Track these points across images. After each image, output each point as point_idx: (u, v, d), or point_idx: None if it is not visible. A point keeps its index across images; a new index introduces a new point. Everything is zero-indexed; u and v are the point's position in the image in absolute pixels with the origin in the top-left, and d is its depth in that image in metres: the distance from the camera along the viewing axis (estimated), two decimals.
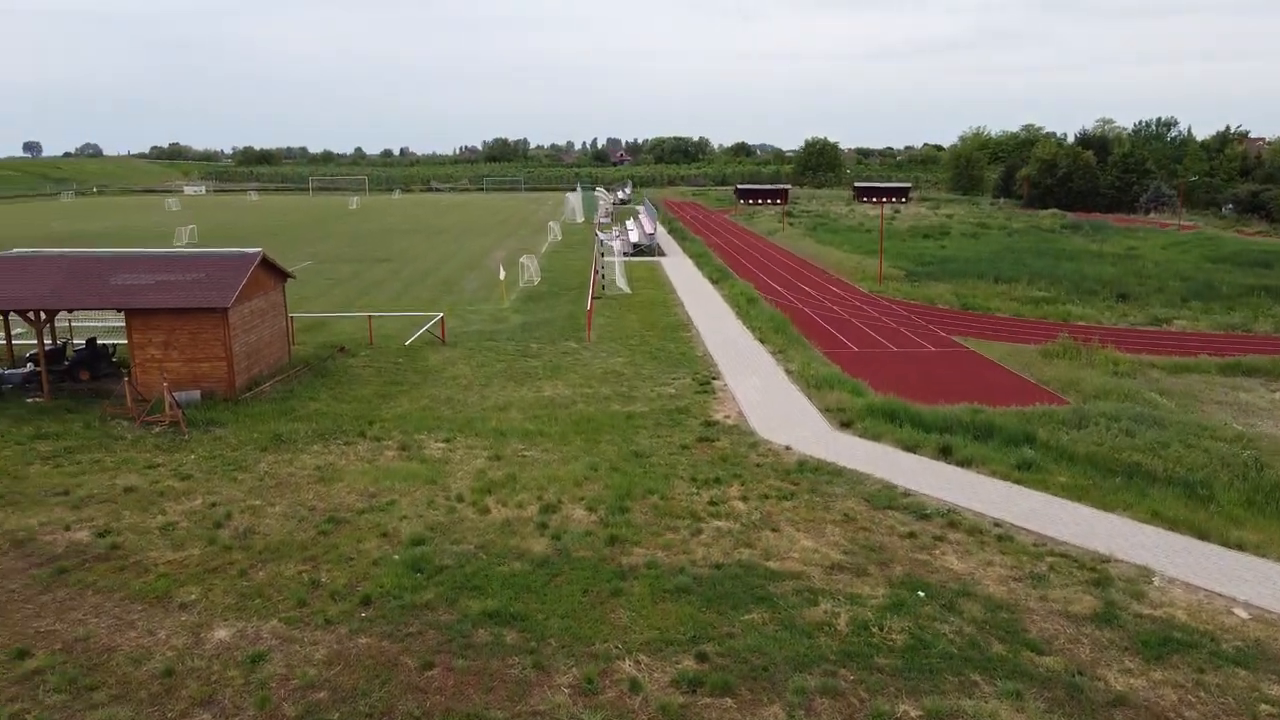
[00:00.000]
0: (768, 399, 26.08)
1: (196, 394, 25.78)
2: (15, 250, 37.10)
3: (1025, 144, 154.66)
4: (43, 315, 26.81)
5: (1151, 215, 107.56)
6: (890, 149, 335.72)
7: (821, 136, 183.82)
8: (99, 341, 29.90)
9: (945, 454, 21.22)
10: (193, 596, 15.01)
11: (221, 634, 13.85)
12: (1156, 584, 15.24)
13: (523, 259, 51.52)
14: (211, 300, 25.78)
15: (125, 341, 27.00)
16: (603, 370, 29.79)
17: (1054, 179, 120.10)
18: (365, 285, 49.15)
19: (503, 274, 44.33)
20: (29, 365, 27.94)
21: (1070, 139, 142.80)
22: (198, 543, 16.96)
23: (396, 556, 16.21)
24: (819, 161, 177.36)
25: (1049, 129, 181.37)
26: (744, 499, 18.81)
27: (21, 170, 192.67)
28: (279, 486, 19.70)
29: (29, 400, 26.24)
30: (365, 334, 34.86)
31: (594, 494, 19.04)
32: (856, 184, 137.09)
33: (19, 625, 14.26)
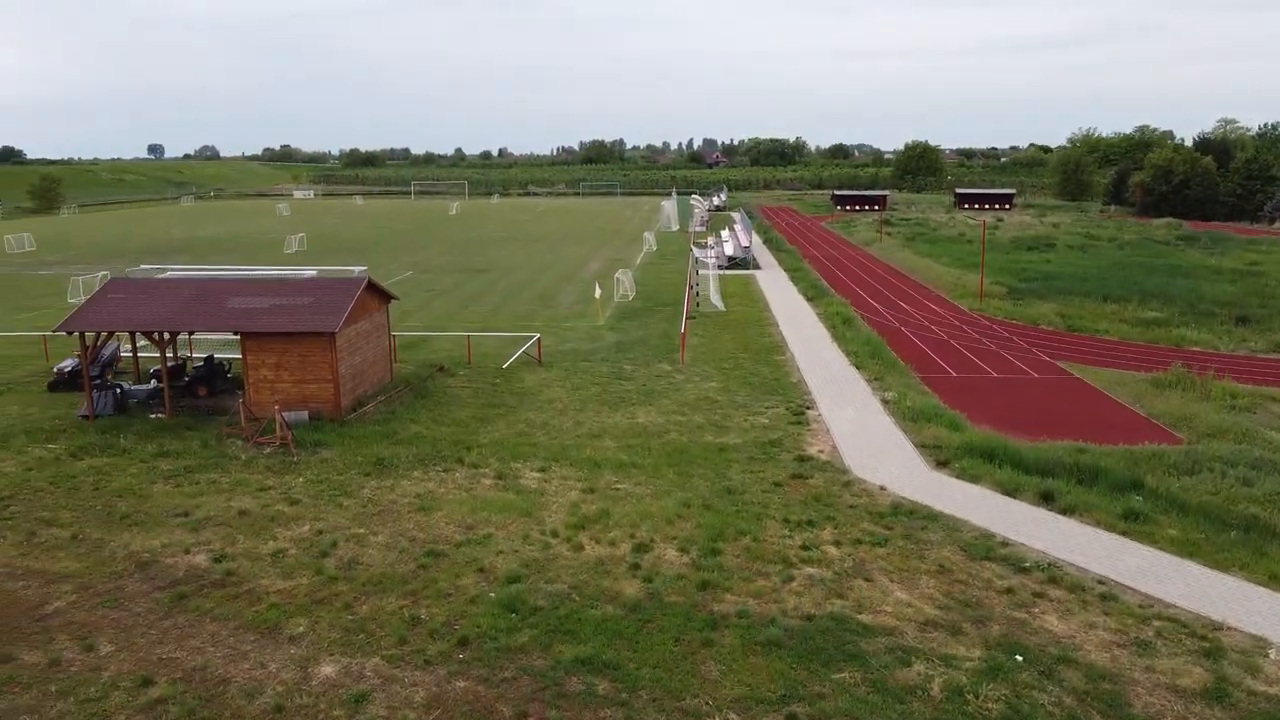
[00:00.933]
0: (862, 432, 25.78)
1: (305, 415, 26.83)
2: (142, 266, 39.27)
3: (1139, 146, 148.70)
4: (166, 335, 28.25)
5: (1277, 226, 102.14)
6: (994, 150, 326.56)
7: (922, 140, 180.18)
8: (216, 358, 31.34)
9: (1046, 500, 20.65)
10: (301, 629, 15.68)
11: (328, 670, 14.44)
12: (1274, 657, 14.58)
13: (618, 274, 51.95)
14: (320, 325, 26.79)
15: (240, 357, 28.29)
16: (696, 396, 29.87)
17: (1169, 185, 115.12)
18: (464, 298, 50.26)
19: (598, 292, 44.80)
20: (153, 382, 29.47)
21: (1188, 142, 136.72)
22: (305, 572, 17.70)
23: (493, 595, 16.62)
24: (919, 165, 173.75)
25: (1165, 130, 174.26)
26: (837, 544, 18.68)
27: (147, 175, 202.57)
28: (381, 515, 20.39)
29: (152, 416, 27.70)
30: (464, 352, 35.67)
31: (686, 533, 19.16)
32: (957, 190, 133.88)
33: (143, 651, 15.13)
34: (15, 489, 22.13)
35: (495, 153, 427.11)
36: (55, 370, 31.30)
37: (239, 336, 27.56)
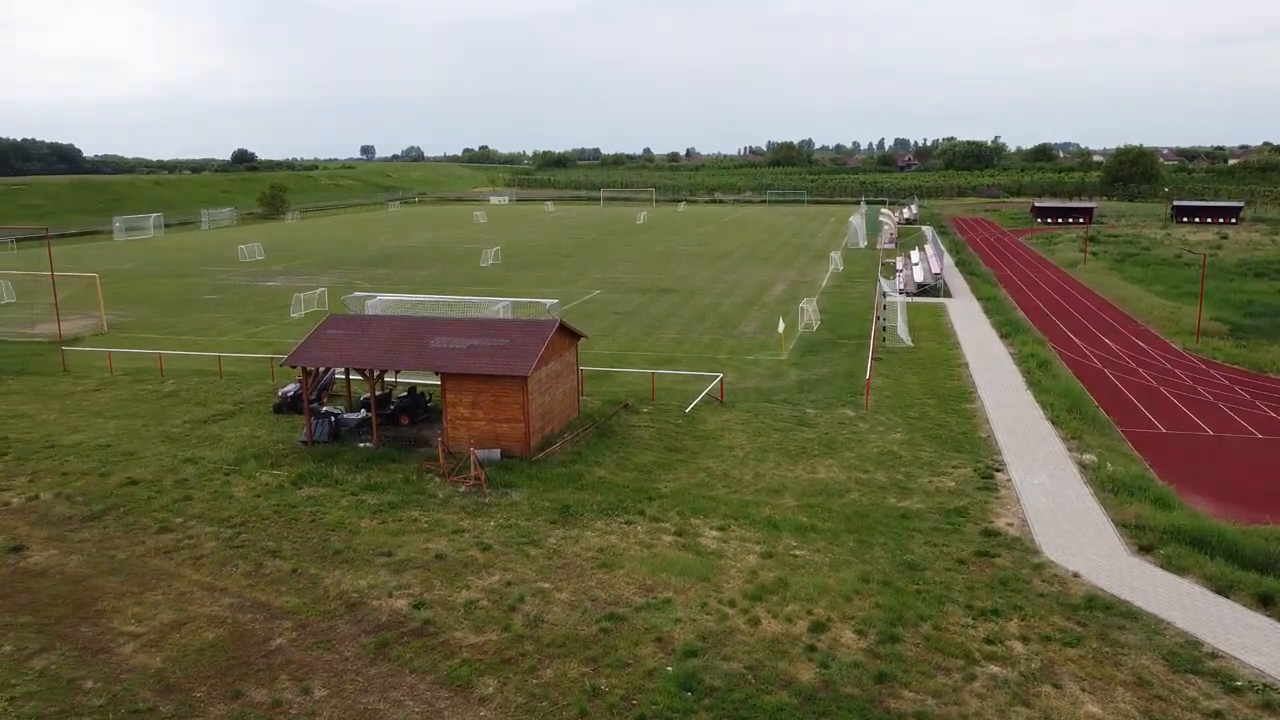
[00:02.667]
0: (1056, 504, 24.59)
1: (496, 453, 28.25)
2: (355, 294, 42.39)
3: None
4: (375, 371, 30.41)
5: None
6: (1219, 149, 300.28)
7: (1136, 144, 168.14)
8: (418, 389, 33.43)
9: (1265, 604, 19.09)
10: (490, 689, 16.63)
11: None
12: None
13: (802, 303, 51.53)
14: (513, 368, 28.11)
15: (438, 386, 30.06)
16: (878, 450, 29.34)
17: None
18: (649, 322, 51.22)
19: (781, 326, 44.63)
20: (362, 411, 31.79)
21: None
22: (495, 627, 18.71)
23: (670, 669, 17.04)
24: (1131, 172, 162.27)
25: None
26: (1023, 639, 17.98)
27: (359, 179, 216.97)
28: (565, 569, 21.24)
29: (361, 445, 29.90)
30: (648, 387, 36.41)
31: (864, 613, 18.96)
32: (1175, 202, 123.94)
33: (352, 699, 16.48)
34: (246, 516, 24.47)
35: (683, 153, 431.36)
36: (279, 394, 34.27)
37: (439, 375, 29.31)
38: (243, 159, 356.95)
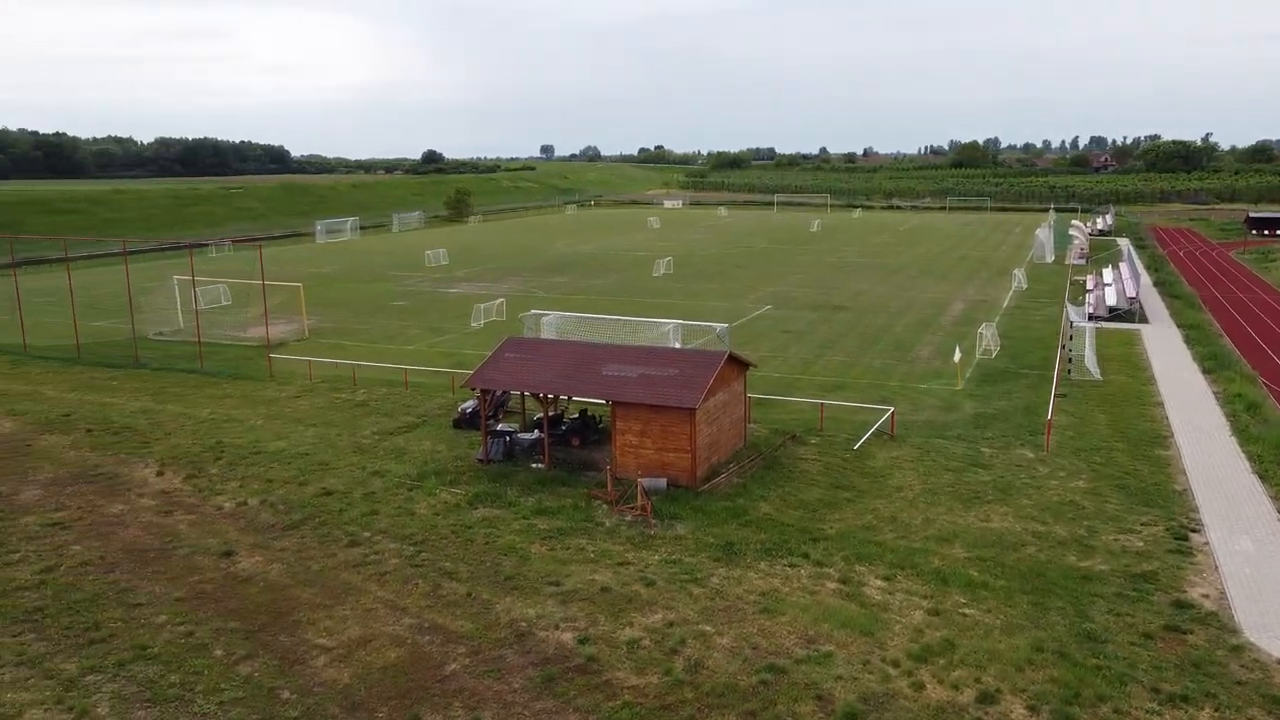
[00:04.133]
0: (1262, 576, 22.71)
1: (663, 482, 28.69)
2: (532, 311, 43.96)
3: None
4: (549, 395, 31.47)
5: None
6: None
7: None
8: (588, 412, 34.35)
9: None
10: None
11: None
12: None
13: (981, 328, 49.58)
14: (682, 400, 28.46)
15: (605, 405, 30.76)
16: (1059, 498, 27.92)
17: None
18: (820, 342, 50.58)
19: (958, 355, 43.08)
20: (535, 432, 32.97)
21: None
22: (655, 670, 19.07)
23: None
24: None
25: None
26: None
27: (538, 181, 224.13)
28: (727, 611, 21.37)
29: (534, 465, 31.02)
30: (816, 415, 35.99)
31: (1037, 686, 18.16)
32: None
33: None
34: (426, 534, 25.89)
35: (860, 152, 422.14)
36: (459, 410, 36.00)
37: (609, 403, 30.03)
38: (431, 159, 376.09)
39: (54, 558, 24.46)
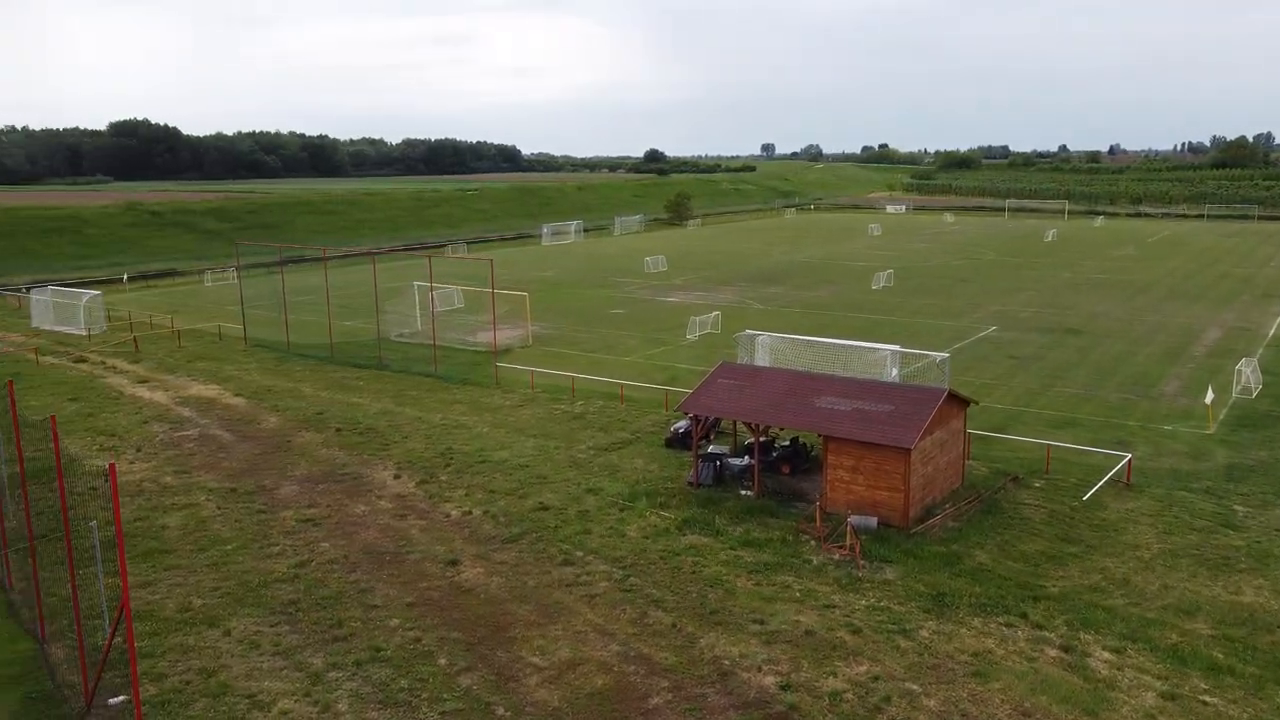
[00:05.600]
0: None
1: (873, 521, 28.07)
2: (746, 331, 44.07)
3: None
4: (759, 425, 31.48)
5: None
6: None
7: None
8: (800, 440, 34.08)
9: None
10: None
11: None
12: None
13: (1240, 363, 45.01)
14: (897, 438, 27.71)
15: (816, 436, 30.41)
16: None
17: None
18: (1049, 371, 47.67)
19: (1211, 394, 39.30)
20: (746, 458, 33.08)
21: None
22: None
23: None
24: None
25: None
26: None
27: (757, 182, 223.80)
28: (935, 670, 20.66)
29: (743, 492, 31.16)
30: (1042, 455, 33.99)
31: None
32: None
33: None
34: (635, 558, 26.60)
35: (1105, 150, 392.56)
36: (671, 429, 36.68)
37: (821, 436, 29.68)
38: (653, 157, 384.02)
39: (306, 553, 27.06)
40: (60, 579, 24.23)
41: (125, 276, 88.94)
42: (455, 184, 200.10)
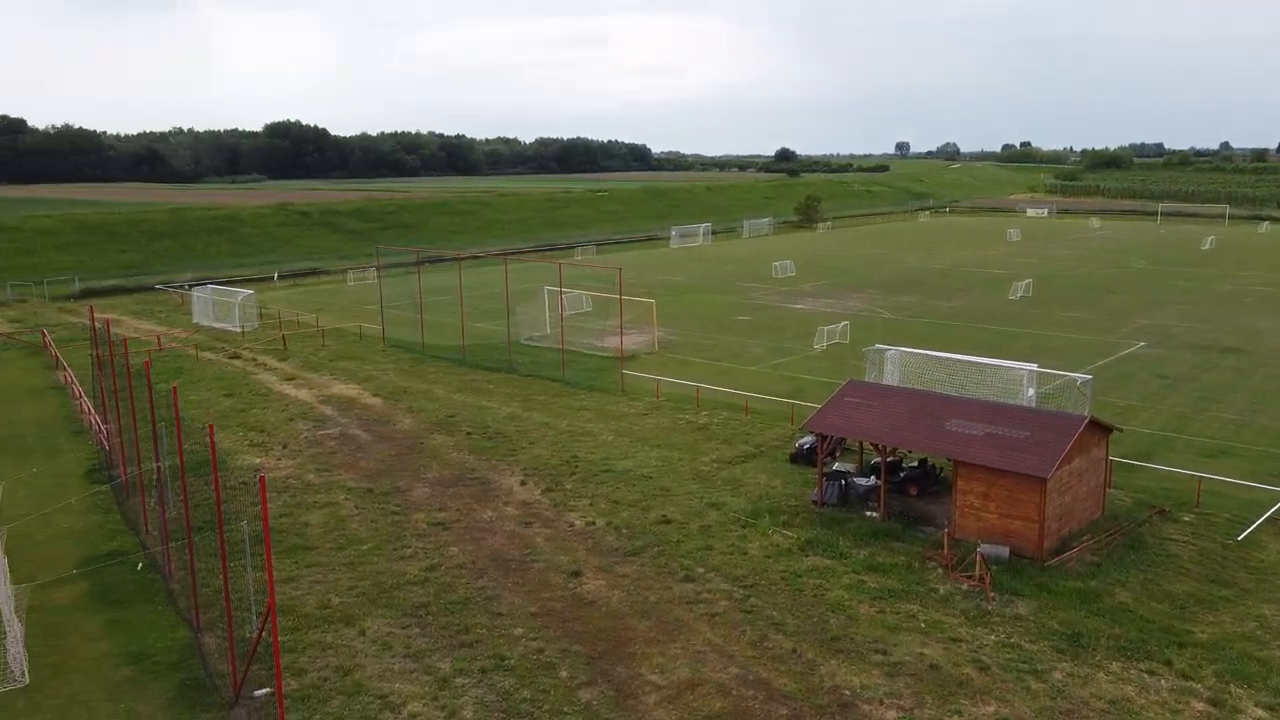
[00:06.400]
0: None
1: (1005, 551, 27.10)
2: (877, 345, 43.18)
3: None
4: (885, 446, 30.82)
5: None
6: None
7: None
8: (929, 461, 33.20)
9: None
10: None
11: None
12: None
13: None
14: (1032, 467, 26.68)
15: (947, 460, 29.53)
16: None
17: None
18: (1202, 393, 44.92)
19: None
20: (872, 478, 32.45)
21: None
22: None
23: None
24: None
25: None
26: None
27: (889, 184, 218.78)
28: (1069, 716, 19.80)
29: (868, 514, 30.58)
30: (1192, 487, 32.10)
31: None
32: None
33: None
34: (756, 578, 26.46)
35: (1273, 148, 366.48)
36: (796, 445, 36.30)
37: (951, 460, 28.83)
38: (784, 156, 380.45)
39: (437, 557, 28.03)
40: (213, 570, 25.90)
41: (276, 275, 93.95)
42: (586, 183, 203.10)
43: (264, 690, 20.86)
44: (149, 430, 32.86)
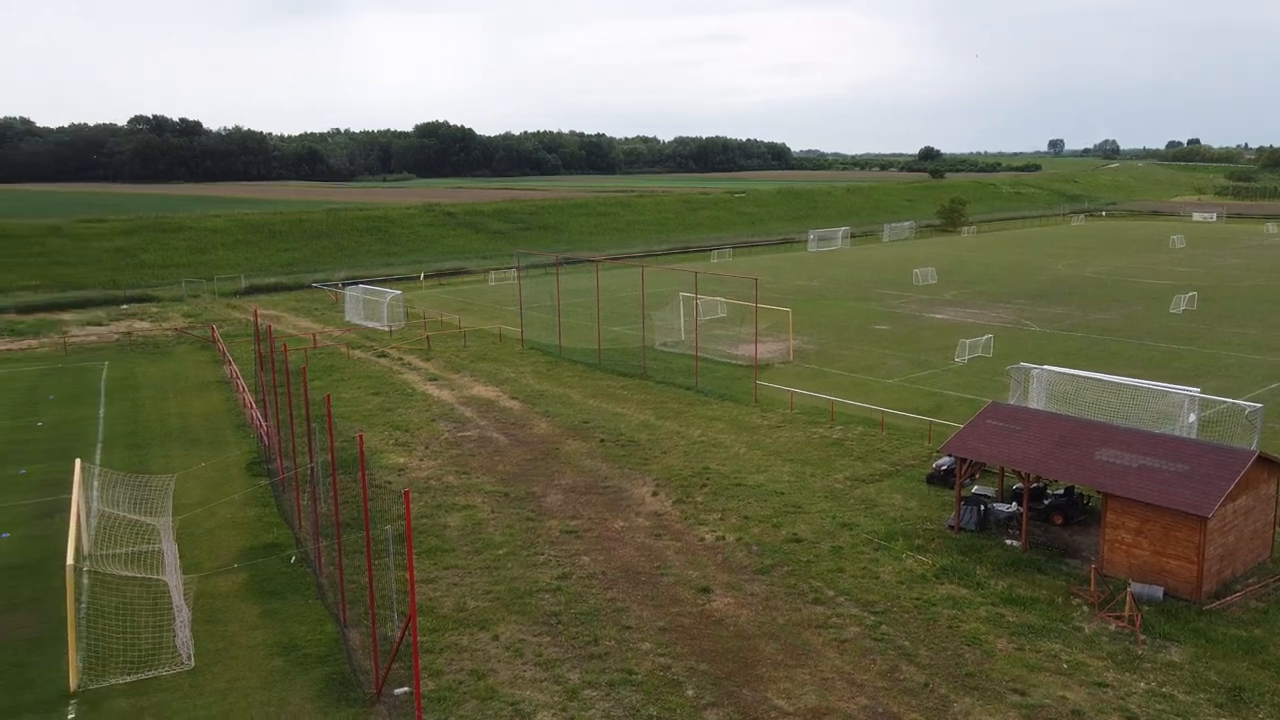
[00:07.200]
0: None
1: (1159, 592, 25.63)
2: (1021, 364, 41.47)
3: None
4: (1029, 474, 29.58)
5: None
6: None
7: None
8: (1076, 490, 31.70)
9: None
10: None
11: None
12: None
13: None
14: (1192, 504, 25.13)
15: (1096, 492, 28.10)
16: None
17: None
18: None
19: None
20: (1014, 504, 31.23)
21: None
22: None
23: None
24: None
25: None
26: None
27: (1040, 185, 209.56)
28: None
29: (1008, 542, 29.46)
30: None
31: None
32: None
33: None
34: (888, 604, 25.89)
35: None
36: (934, 465, 35.28)
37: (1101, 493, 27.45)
38: (928, 155, 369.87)
39: (569, 565, 28.60)
40: (358, 567, 27.22)
41: (422, 274, 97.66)
42: (724, 183, 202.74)
43: (403, 689, 21.79)
44: (304, 428, 34.78)
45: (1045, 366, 40.57)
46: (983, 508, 30.79)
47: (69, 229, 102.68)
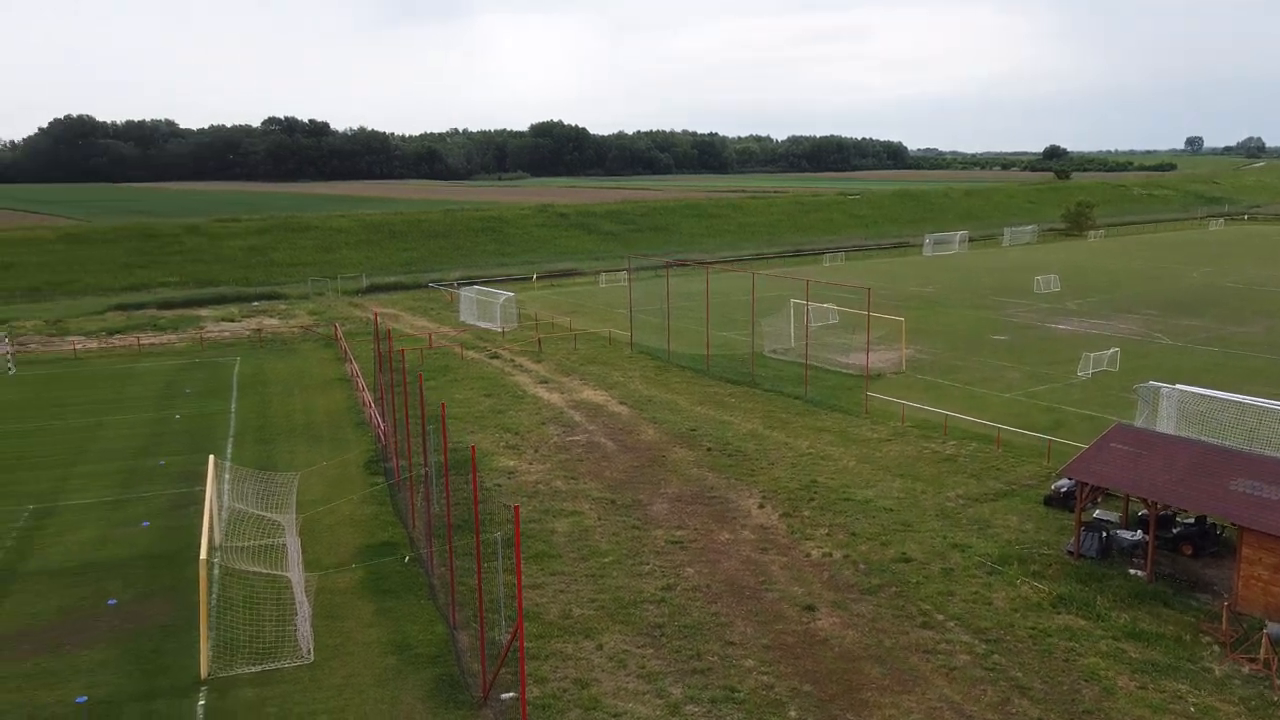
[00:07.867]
0: None
1: None
2: (1150, 382, 39.52)
3: None
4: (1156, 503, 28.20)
5: None
6: None
7: None
8: (1208, 520, 30.06)
9: None
10: None
11: None
12: None
13: None
14: None
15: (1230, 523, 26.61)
16: None
17: None
18: None
19: None
20: (1139, 532, 29.82)
21: None
22: None
23: None
24: None
25: None
26: None
27: (1175, 187, 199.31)
28: None
29: (1131, 572, 28.17)
30: None
31: None
32: None
33: None
34: (1001, 632, 25.08)
35: None
36: (1053, 486, 33.99)
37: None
38: (1053, 154, 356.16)
39: (673, 576, 28.69)
40: (468, 569, 27.93)
41: (535, 276, 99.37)
42: (837, 183, 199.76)
43: (509, 694, 22.26)
44: (419, 428, 35.84)
45: (1177, 386, 38.55)
46: (1105, 534, 29.51)
47: (206, 228, 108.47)
